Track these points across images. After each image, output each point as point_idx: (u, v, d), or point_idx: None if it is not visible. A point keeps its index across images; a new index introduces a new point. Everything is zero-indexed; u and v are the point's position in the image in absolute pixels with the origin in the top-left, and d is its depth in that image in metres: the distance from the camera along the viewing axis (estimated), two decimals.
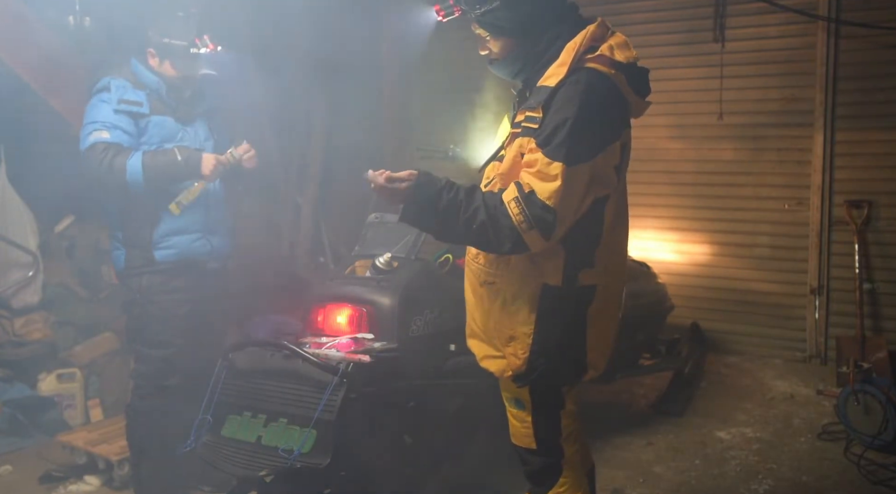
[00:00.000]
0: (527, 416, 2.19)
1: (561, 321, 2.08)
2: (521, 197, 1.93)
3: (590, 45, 2.01)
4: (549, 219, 1.91)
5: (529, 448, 2.22)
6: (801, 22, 4.62)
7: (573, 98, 1.94)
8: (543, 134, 1.94)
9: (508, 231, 1.94)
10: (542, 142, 1.94)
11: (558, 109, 1.94)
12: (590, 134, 1.94)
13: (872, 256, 4.54)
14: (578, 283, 2.06)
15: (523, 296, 2.08)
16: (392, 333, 2.81)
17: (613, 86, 1.99)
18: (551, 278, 2.05)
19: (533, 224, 1.91)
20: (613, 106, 2.01)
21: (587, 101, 1.93)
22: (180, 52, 3.00)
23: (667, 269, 4.93)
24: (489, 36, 2.12)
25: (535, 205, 1.91)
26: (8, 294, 4.25)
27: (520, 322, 2.09)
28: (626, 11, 5.14)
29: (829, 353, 4.68)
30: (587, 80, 1.96)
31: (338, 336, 2.80)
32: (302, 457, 2.40)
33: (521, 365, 2.10)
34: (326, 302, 2.93)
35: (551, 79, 1.99)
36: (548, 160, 1.92)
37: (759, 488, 3.36)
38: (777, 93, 4.76)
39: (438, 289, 3.04)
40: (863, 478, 3.37)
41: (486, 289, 2.15)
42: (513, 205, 1.93)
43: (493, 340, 2.17)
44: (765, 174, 4.86)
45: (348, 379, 2.47)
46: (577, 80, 1.96)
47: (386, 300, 2.85)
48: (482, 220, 1.95)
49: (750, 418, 4.08)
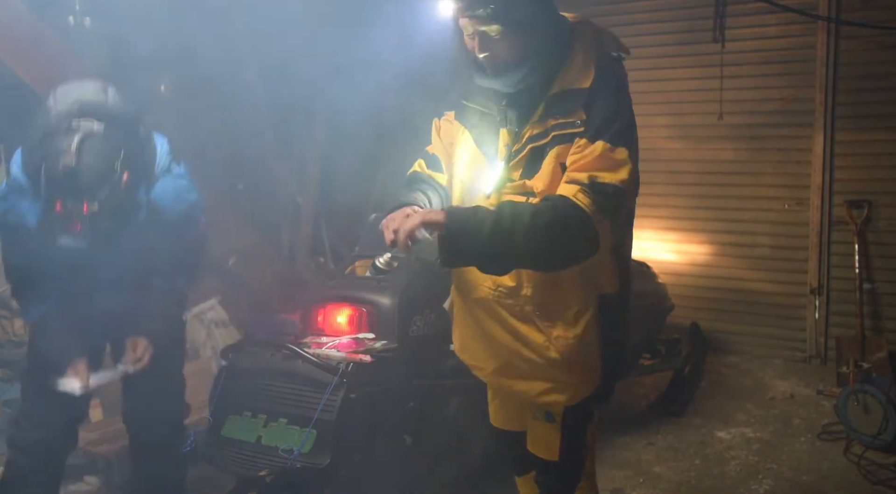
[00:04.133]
0: (555, 430, 2.07)
1: (616, 329, 1.99)
2: (587, 186, 1.74)
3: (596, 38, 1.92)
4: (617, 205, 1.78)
5: (550, 459, 2.10)
6: (801, 22, 4.62)
7: (617, 89, 1.84)
8: (593, 128, 1.80)
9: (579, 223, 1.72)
10: (596, 134, 1.79)
11: (605, 103, 1.81)
12: (633, 123, 1.86)
13: (872, 256, 4.54)
14: (626, 287, 1.99)
15: (585, 314, 1.93)
16: (392, 333, 2.81)
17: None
18: (608, 286, 1.95)
19: (606, 211, 1.75)
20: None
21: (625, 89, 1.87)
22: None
23: (667, 269, 4.93)
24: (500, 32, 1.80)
25: (605, 191, 1.74)
26: (8, 294, 4.24)
27: (586, 342, 1.94)
28: (626, 11, 5.14)
29: (829, 353, 4.68)
30: (620, 71, 1.89)
31: (338, 336, 2.80)
32: (302, 457, 2.41)
33: (598, 386, 1.99)
34: (326, 302, 2.93)
35: (579, 81, 1.84)
36: (610, 146, 1.78)
37: (759, 488, 3.36)
38: (777, 93, 4.76)
39: (438, 289, 3.04)
40: (863, 478, 3.37)
41: (538, 322, 1.95)
42: (581, 196, 1.73)
43: (551, 371, 1.98)
44: (765, 174, 4.86)
45: (348, 379, 2.47)
46: (611, 72, 1.86)
47: (386, 300, 2.85)
48: (547, 222, 1.71)
49: (750, 418, 4.08)
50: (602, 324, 1.95)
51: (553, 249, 1.76)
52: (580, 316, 1.93)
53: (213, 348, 4.19)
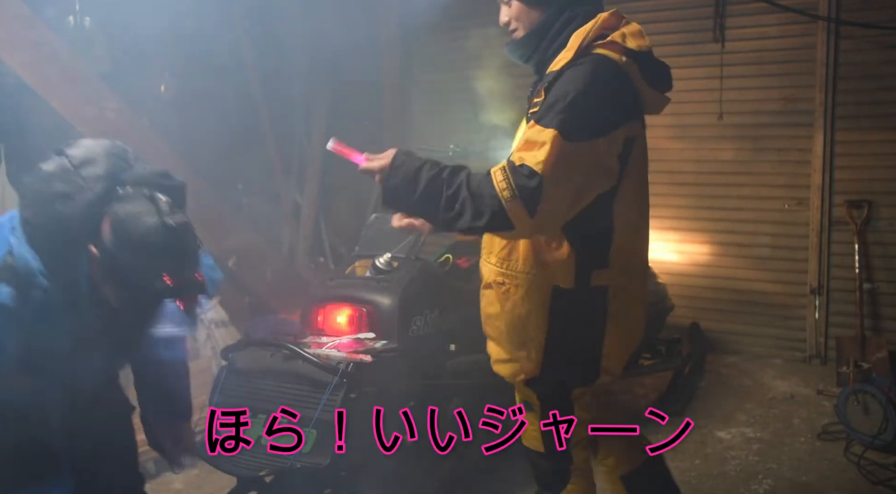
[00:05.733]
0: (535, 419, 2.17)
1: (574, 324, 2.03)
2: (509, 167, 1.81)
3: (600, 32, 1.95)
4: (532, 187, 1.77)
5: (538, 450, 2.21)
6: (801, 22, 4.62)
7: (576, 78, 1.87)
8: (541, 110, 1.87)
9: (489, 200, 1.79)
10: (539, 116, 1.86)
11: (559, 87, 1.87)
12: (592, 112, 1.85)
13: (872, 256, 4.53)
14: (591, 284, 1.99)
15: (534, 299, 2.01)
16: (392, 333, 2.81)
17: (622, 74, 1.92)
18: (562, 280, 1.99)
19: (516, 193, 1.77)
20: (620, 92, 1.92)
21: (591, 81, 1.86)
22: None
23: (667, 269, 4.93)
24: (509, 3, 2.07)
25: (520, 173, 1.79)
26: None
27: (532, 325, 2.03)
28: (626, 12, 5.06)
29: (829, 353, 4.68)
30: (593, 63, 1.89)
31: (338, 336, 2.80)
32: (302, 457, 2.40)
33: (533, 368, 2.07)
34: (326, 302, 2.93)
35: (558, 64, 1.93)
36: (539, 128, 1.83)
37: (759, 488, 3.36)
38: (777, 93, 4.76)
39: (438, 289, 3.04)
40: (863, 478, 3.37)
41: (496, 290, 2.09)
42: (498, 175, 1.81)
43: (505, 343, 2.12)
44: (765, 174, 4.86)
45: (348, 379, 2.47)
46: (582, 63, 1.90)
47: (386, 300, 2.85)
48: (464, 197, 1.82)
49: (750, 418, 4.08)
50: (553, 316, 2.01)
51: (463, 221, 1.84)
52: (528, 298, 2.02)
53: (213, 348, 4.19)
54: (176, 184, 1.84)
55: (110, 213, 1.72)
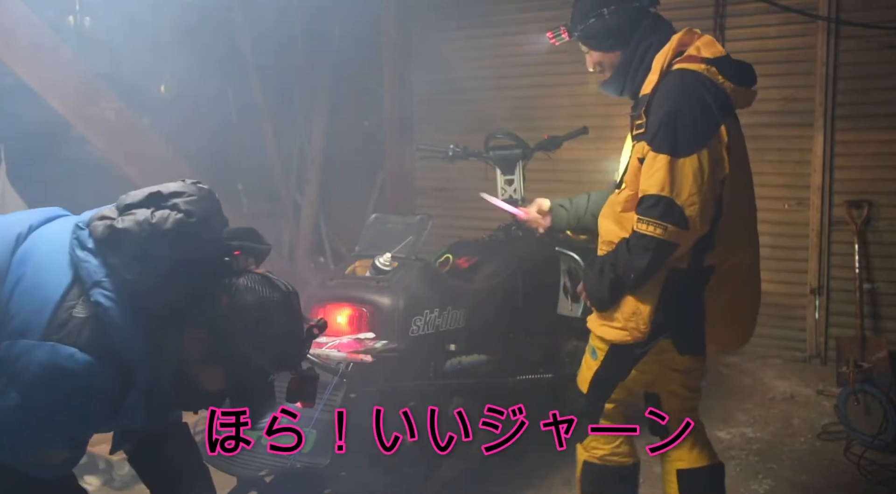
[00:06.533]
0: (594, 367, 2.39)
1: (682, 300, 2.23)
2: (640, 211, 2.11)
3: (678, 50, 2.21)
4: (668, 207, 2.06)
5: (581, 389, 2.45)
6: (801, 22, 4.62)
7: (668, 96, 2.14)
8: (650, 133, 2.14)
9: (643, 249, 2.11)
10: (649, 140, 2.13)
11: (657, 109, 2.14)
12: (691, 124, 2.10)
13: (872, 256, 4.53)
14: (703, 264, 2.21)
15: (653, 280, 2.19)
16: (392, 333, 2.81)
17: (705, 79, 2.16)
18: (681, 262, 2.19)
19: (660, 221, 2.07)
20: (709, 95, 2.15)
21: (681, 95, 2.12)
22: None
23: None
24: (589, 51, 2.37)
25: (647, 203, 2.09)
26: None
27: (647, 300, 2.21)
28: None
29: (829, 353, 4.67)
30: (678, 78, 2.16)
31: (338, 336, 2.80)
32: (302, 457, 2.40)
33: (641, 336, 2.24)
34: (326, 302, 2.93)
35: (648, 87, 2.20)
36: (654, 154, 2.11)
37: (759, 488, 3.36)
38: (777, 93, 4.75)
39: (438, 289, 3.04)
40: (863, 478, 3.37)
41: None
42: (641, 225, 2.10)
43: (614, 313, 2.27)
44: (765, 174, 4.84)
45: (348, 379, 2.47)
46: (669, 81, 2.17)
47: (386, 300, 2.85)
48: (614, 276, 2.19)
49: (750, 418, 4.08)
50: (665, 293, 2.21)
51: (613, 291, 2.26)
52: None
53: None
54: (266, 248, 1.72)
55: (229, 288, 1.55)
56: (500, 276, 3.31)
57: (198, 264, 1.54)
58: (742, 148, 2.31)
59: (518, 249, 3.44)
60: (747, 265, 2.33)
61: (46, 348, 1.45)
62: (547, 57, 5.16)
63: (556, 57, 4.99)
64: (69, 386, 1.45)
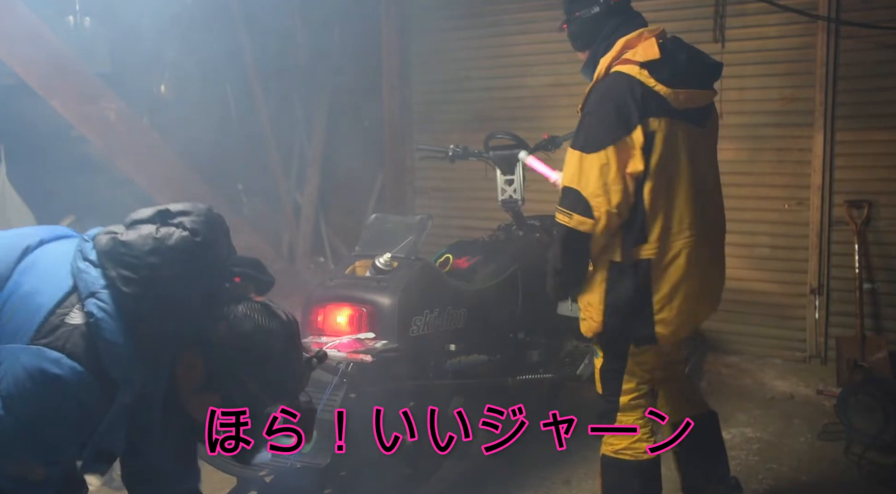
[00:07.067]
0: (598, 362, 2.59)
1: (624, 291, 2.41)
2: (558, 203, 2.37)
3: (619, 53, 2.39)
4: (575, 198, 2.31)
5: (598, 390, 2.63)
6: (801, 22, 4.61)
7: (595, 96, 2.39)
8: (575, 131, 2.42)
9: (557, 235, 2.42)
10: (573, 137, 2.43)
11: (585, 107, 2.42)
12: (603, 123, 2.32)
13: (872, 256, 4.53)
14: (634, 258, 2.39)
15: (599, 271, 2.45)
16: (392, 333, 2.81)
17: (635, 81, 2.32)
18: (616, 255, 2.41)
19: (568, 210, 2.33)
20: (632, 97, 2.31)
21: (603, 96, 2.35)
22: None
23: None
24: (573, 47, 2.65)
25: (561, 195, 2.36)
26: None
27: (595, 292, 2.46)
28: None
29: (829, 353, 4.67)
30: (610, 80, 2.38)
31: (338, 336, 2.80)
32: (302, 457, 2.40)
33: (597, 326, 2.48)
34: (326, 302, 2.93)
35: (590, 86, 2.44)
36: (570, 150, 2.37)
37: (759, 488, 3.36)
38: (777, 93, 4.76)
39: (438, 289, 3.04)
40: (863, 478, 3.37)
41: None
42: (557, 215, 2.38)
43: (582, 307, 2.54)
44: (764, 174, 4.85)
45: (348, 379, 2.47)
46: (602, 82, 2.40)
47: (386, 300, 2.85)
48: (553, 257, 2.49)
49: (750, 418, 4.08)
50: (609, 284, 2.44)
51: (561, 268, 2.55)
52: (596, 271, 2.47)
53: None
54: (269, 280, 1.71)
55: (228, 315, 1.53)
56: (500, 276, 3.31)
57: (198, 286, 1.52)
58: (673, 151, 2.39)
59: (518, 249, 3.45)
60: (696, 255, 2.44)
61: (32, 351, 1.41)
62: (547, 57, 5.17)
63: (556, 57, 5.00)
64: (51, 391, 1.41)
